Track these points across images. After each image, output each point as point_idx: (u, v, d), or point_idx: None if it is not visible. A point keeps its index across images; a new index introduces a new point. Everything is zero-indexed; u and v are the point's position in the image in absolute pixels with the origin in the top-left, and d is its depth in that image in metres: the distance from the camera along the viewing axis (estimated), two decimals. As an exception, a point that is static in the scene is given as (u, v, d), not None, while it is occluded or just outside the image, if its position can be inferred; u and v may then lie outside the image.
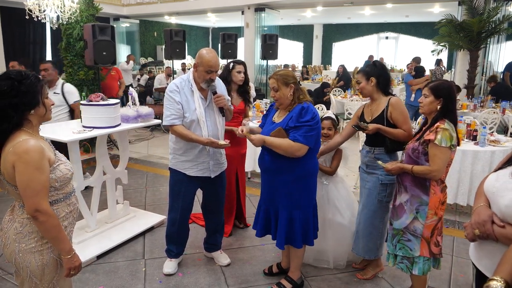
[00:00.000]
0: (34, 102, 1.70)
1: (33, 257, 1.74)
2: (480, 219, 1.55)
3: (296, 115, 2.57)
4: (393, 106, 2.77)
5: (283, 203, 2.71)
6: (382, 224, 2.94)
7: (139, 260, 3.34)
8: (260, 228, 2.89)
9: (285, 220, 2.71)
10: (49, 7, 5.61)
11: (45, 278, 1.78)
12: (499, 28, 8.44)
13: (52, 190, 1.76)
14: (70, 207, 1.85)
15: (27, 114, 1.70)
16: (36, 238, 1.74)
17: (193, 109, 2.84)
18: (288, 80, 2.61)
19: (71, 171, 1.83)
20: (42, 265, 1.76)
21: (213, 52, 2.84)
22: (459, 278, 3.14)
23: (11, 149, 1.64)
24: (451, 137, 2.37)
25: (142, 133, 8.27)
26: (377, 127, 2.79)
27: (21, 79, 1.66)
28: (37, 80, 1.73)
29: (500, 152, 4.11)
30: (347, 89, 10.11)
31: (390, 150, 2.82)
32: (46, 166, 1.69)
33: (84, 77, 6.39)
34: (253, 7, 12.11)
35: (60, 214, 1.79)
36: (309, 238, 2.79)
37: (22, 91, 1.65)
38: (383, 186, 2.85)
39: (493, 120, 6.46)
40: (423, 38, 17.80)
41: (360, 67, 15.70)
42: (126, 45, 16.75)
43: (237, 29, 12.71)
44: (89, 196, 3.70)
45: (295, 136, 2.52)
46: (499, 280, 1.24)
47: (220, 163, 3.08)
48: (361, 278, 3.09)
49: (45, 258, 1.76)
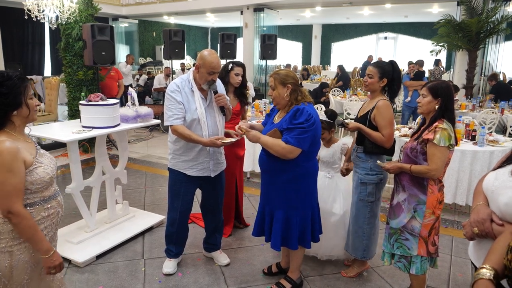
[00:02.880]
0: (16, 103, 1.69)
1: (2, 257, 1.72)
2: (479, 217, 1.56)
3: (289, 116, 2.55)
4: (378, 109, 2.76)
5: (278, 203, 2.71)
6: (366, 225, 2.94)
7: (139, 260, 3.34)
8: (256, 228, 2.90)
9: (280, 221, 2.71)
10: (48, 7, 5.60)
11: (14, 279, 1.76)
12: (497, 28, 8.47)
13: (28, 192, 1.74)
14: (48, 211, 1.82)
15: (10, 115, 1.70)
16: (7, 239, 1.72)
17: (193, 109, 2.84)
18: (285, 80, 2.60)
19: (50, 175, 1.80)
20: (10, 267, 1.74)
21: (215, 53, 2.84)
22: (458, 277, 3.15)
23: None
24: (450, 136, 2.38)
25: (141, 133, 8.27)
26: (357, 126, 2.83)
27: (2, 80, 1.67)
28: (20, 81, 1.72)
29: (499, 152, 4.12)
30: (346, 89, 10.13)
31: (368, 151, 2.83)
32: (20, 168, 1.67)
33: (83, 77, 6.39)
34: (252, 7, 12.13)
35: (35, 217, 1.76)
36: (306, 240, 2.77)
37: (3, 93, 1.65)
38: (363, 185, 2.88)
39: (491, 120, 6.48)
40: (422, 38, 17.85)
41: (359, 68, 15.78)
42: (125, 45, 16.76)
43: (236, 29, 12.72)
44: (88, 196, 3.70)
45: (287, 138, 2.50)
46: (489, 268, 1.29)
47: (220, 163, 3.09)
48: (345, 275, 3.11)
49: (14, 259, 1.74)
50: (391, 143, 2.78)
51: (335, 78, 11.85)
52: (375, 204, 2.93)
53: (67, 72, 6.44)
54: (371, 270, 3.20)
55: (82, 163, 3.64)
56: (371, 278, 3.11)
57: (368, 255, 3.04)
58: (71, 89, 6.49)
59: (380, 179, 2.86)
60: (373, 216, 2.94)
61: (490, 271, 1.27)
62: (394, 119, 2.82)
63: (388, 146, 2.77)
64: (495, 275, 1.27)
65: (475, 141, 4.34)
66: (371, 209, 2.92)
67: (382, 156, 2.86)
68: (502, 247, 1.35)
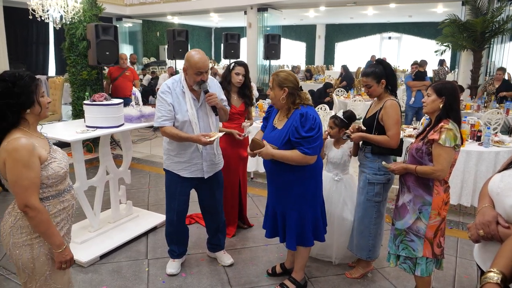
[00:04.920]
0: (29, 102, 1.76)
1: (24, 250, 1.81)
2: (484, 219, 1.54)
3: (298, 124, 2.53)
4: (385, 109, 2.77)
5: (290, 203, 2.71)
6: (373, 225, 2.93)
7: (142, 260, 3.34)
8: (269, 230, 2.91)
9: (294, 221, 2.71)
10: (53, 7, 5.62)
11: (36, 271, 1.85)
12: (503, 28, 8.41)
13: (44, 187, 1.80)
14: (63, 204, 1.89)
15: (23, 114, 1.77)
16: (27, 232, 1.80)
17: (184, 110, 2.82)
18: (283, 84, 2.58)
19: (64, 169, 1.87)
20: (32, 259, 1.82)
21: (200, 52, 2.79)
22: (463, 279, 3.13)
23: (3, 147, 1.71)
24: (455, 137, 2.36)
25: (145, 133, 8.28)
26: (360, 136, 2.86)
27: (15, 80, 1.72)
28: (31, 80, 1.78)
29: (505, 152, 4.09)
30: (350, 90, 10.10)
31: (376, 152, 2.83)
32: (36, 164, 1.74)
33: (87, 77, 6.40)
34: (256, 7, 12.12)
35: (51, 211, 1.84)
36: (320, 234, 2.81)
37: (16, 93, 1.72)
38: (370, 185, 2.87)
39: (497, 120, 6.44)
40: (426, 38, 17.77)
41: (362, 68, 15.73)
42: (129, 45, 16.81)
43: (240, 29, 12.74)
44: (92, 196, 3.70)
45: (304, 150, 2.52)
46: (496, 272, 1.26)
47: (214, 164, 3.05)
48: (350, 277, 3.10)
49: (35, 252, 1.82)
50: (397, 143, 2.76)
51: (339, 78, 11.82)
52: (382, 205, 2.92)
53: (71, 72, 6.46)
54: (375, 271, 3.19)
55: (86, 163, 3.64)
56: (375, 279, 3.09)
57: (374, 255, 3.02)
58: (75, 89, 6.51)
59: (387, 179, 2.85)
60: (379, 216, 2.93)
61: (498, 275, 1.25)
62: (400, 119, 2.82)
63: (394, 147, 2.75)
64: (502, 279, 1.24)
65: (480, 142, 4.30)
66: (378, 209, 2.91)
67: (389, 157, 2.85)
68: (509, 250, 1.33)
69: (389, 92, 2.87)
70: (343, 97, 9.26)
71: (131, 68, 7.39)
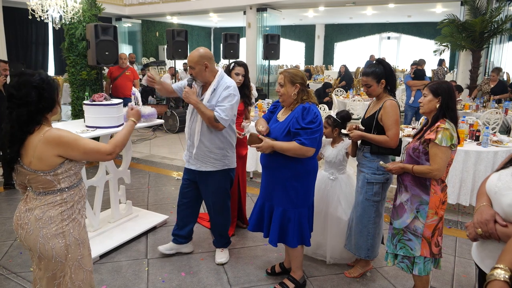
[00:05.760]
0: (53, 104, 1.90)
1: (56, 240, 1.87)
2: (482, 218, 1.55)
3: (298, 115, 2.59)
4: (385, 109, 2.78)
5: (279, 199, 2.73)
6: (372, 224, 2.94)
7: (142, 260, 3.35)
8: (253, 223, 2.92)
9: (279, 217, 2.73)
10: (52, 7, 5.63)
11: (70, 257, 1.92)
12: (501, 28, 8.43)
13: (71, 174, 1.91)
14: (81, 192, 2.01)
15: (47, 114, 1.89)
16: (57, 222, 1.87)
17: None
18: (295, 80, 2.64)
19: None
20: (66, 246, 1.90)
21: (197, 49, 2.99)
22: (461, 278, 3.14)
23: (41, 140, 1.79)
24: (452, 136, 2.37)
25: (145, 133, 8.29)
26: (359, 135, 2.86)
27: (43, 85, 1.82)
28: (54, 83, 1.91)
29: (503, 152, 4.10)
30: (349, 89, 10.11)
31: (375, 151, 2.84)
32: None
33: (87, 77, 6.40)
34: (255, 7, 12.14)
35: (75, 198, 1.95)
36: (306, 238, 2.80)
37: (45, 97, 1.83)
38: (369, 185, 2.88)
39: (495, 120, 6.45)
40: (425, 38, 17.81)
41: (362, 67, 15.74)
42: (128, 45, 16.82)
43: (239, 29, 12.76)
44: (92, 195, 3.71)
45: (301, 140, 2.54)
46: (504, 268, 1.22)
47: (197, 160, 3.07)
48: (349, 276, 3.11)
49: (67, 238, 1.90)
50: (397, 143, 2.77)
51: (338, 78, 11.83)
52: (381, 204, 2.93)
53: (70, 72, 6.46)
54: (374, 271, 3.20)
55: (85, 163, 3.65)
56: (374, 279, 3.10)
57: (372, 254, 3.03)
58: (75, 89, 6.50)
59: (386, 179, 2.87)
60: (378, 216, 2.94)
61: (506, 272, 1.20)
62: (399, 119, 2.83)
63: (393, 146, 2.77)
64: (510, 276, 1.20)
65: (479, 142, 4.32)
66: (377, 209, 2.92)
67: (388, 156, 2.86)
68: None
69: (388, 92, 2.88)
70: (342, 97, 9.27)
71: (132, 67, 7.39)
